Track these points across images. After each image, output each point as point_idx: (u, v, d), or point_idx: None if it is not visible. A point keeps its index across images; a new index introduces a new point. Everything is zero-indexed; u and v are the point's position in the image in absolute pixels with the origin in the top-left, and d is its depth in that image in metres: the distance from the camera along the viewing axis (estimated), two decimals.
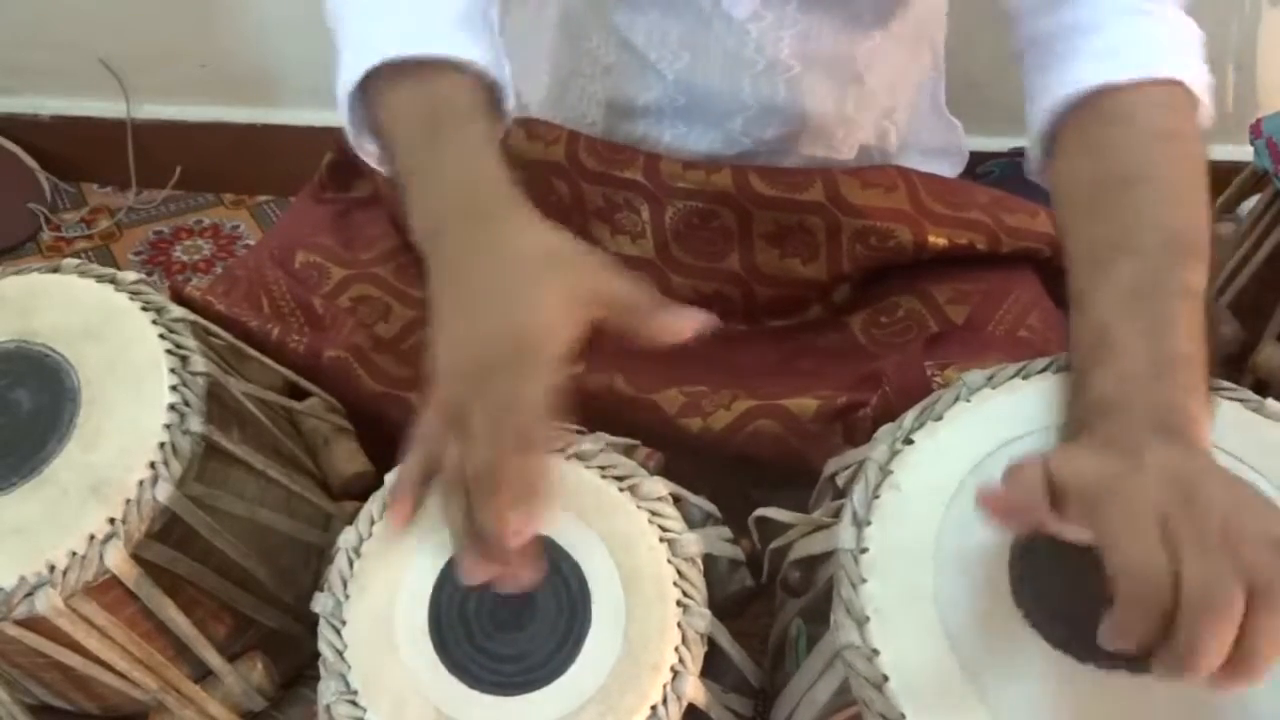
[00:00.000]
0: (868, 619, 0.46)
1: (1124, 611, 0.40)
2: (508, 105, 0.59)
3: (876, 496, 0.50)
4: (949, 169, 0.86)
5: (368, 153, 0.60)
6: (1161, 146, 0.55)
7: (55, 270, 0.64)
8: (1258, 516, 0.41)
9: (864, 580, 0.48)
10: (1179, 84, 0.56)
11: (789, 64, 0.72)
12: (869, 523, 0.49)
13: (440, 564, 0.53)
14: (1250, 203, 1.05)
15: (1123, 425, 0.46)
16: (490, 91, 0.57)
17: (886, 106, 0.78)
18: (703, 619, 0.52)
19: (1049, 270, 0.77)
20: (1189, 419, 0.47)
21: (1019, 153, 1.39)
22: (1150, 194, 0.53)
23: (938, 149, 0.85)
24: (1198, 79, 0.57)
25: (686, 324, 0.50)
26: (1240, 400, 0.53)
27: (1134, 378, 0.48)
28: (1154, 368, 0.48)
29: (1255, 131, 0.97)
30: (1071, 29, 0.58)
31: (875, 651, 0.46)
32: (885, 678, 0.45)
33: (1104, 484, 0.42)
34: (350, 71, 0.56)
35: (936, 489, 0.50)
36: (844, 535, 0.49)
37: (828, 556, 0.52)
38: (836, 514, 0.52)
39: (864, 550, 0.49)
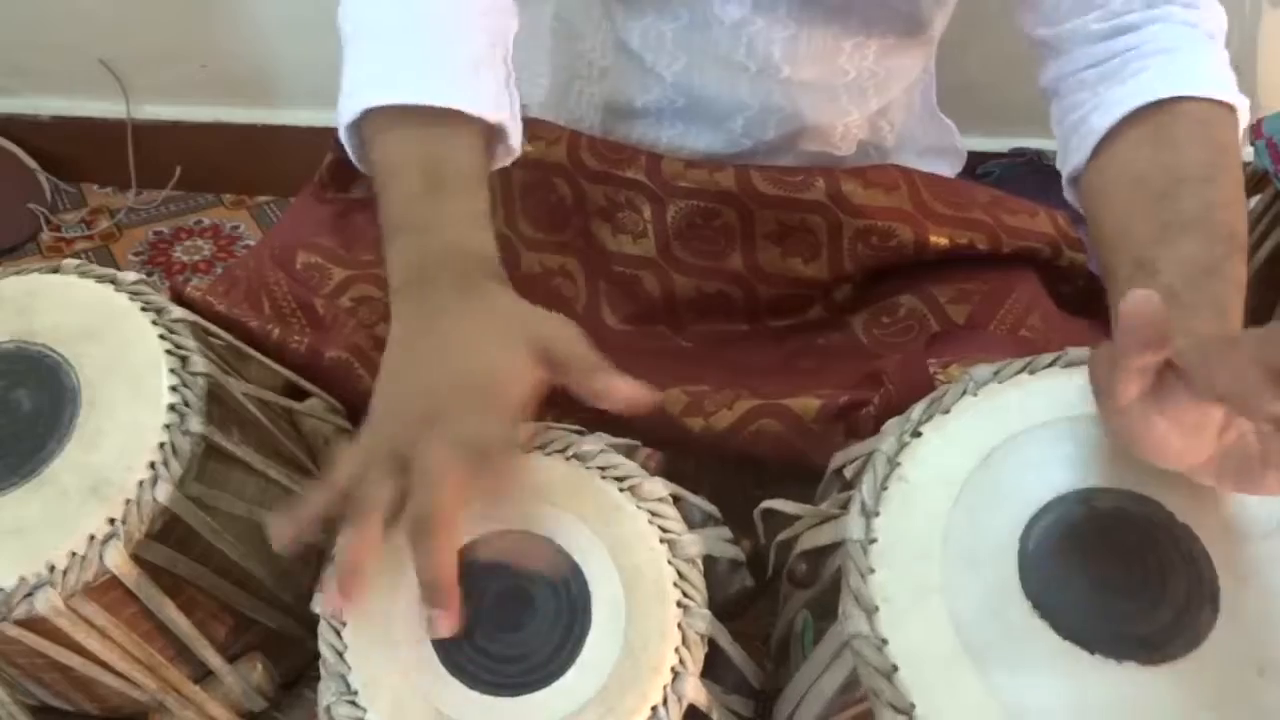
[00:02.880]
0: (877, 608, 0.47)
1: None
2: (514, 142, 0.61)
3: (885, 488, 0.50)
4: (947, 168, 0.86)
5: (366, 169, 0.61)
6: (1223, 156, 0.59)
7: (55, 270, 0.64)
8: None
9: (873, 570, 0.48)
10: (1235, 111, 0.61)
11: (780, 67, 0.73)
12: (877, 514, 0.50)
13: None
14: (1250, 203, 1.05)
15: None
16: (495, 132, 0.59)
17: (881, 106, 0.79)
18: (703, 620, 0.52)
19: (1049, 270, 0.77)
20: None
21: (1019, 153, 1.40)
22: (1216, 194, 0.57)
23: (934, 148, 0.86)
24: (1245, 111, 0.62)
25: (624, 392, 0.51)
26: None
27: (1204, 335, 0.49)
28: (1219, 336, 0.50)
29: (1255, 132, 0.98)
30: (1145, 51, 0.62)
31: (884, 641, 0.46)
32: (895, 667, 0.45)
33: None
34: (352, 102, 0.57)
35: (945, 480, 0.50)
36: (852, 526, 0.49)
37: (835, 548, 0.52)
38: (844, 506, 0.52)
39: (873, 541, 0.49)
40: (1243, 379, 0.40)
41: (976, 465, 0.51)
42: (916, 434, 0.52)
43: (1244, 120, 0.62)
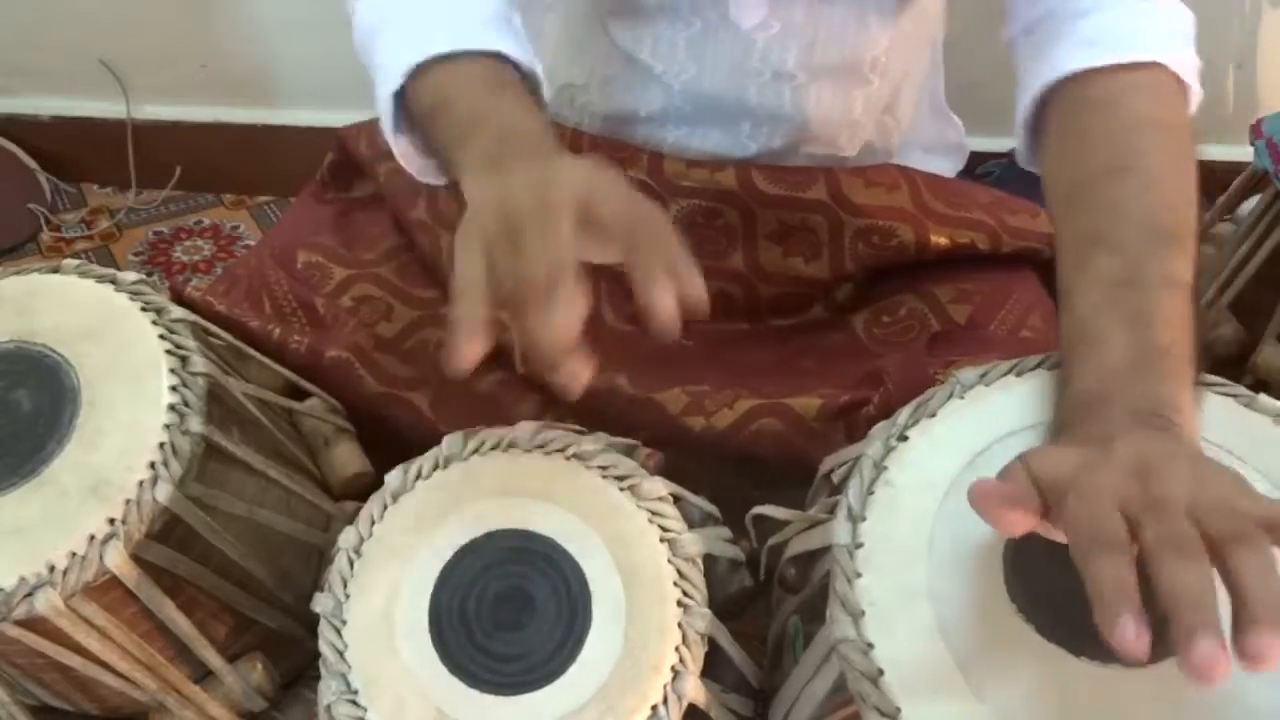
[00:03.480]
0: (863, 613, 0.47)
1: (1098, 596, 0.38)
2: (543, 97, 0.60)
3: (871, 492, 0.50)
4: (950, 166, 0.86)
5: (400, 149, 0.60)
6: (1144, 134, 0.54)
7: (55, 270, 0.64)
8: (1220, 487, 0.40)
9: (859, 575, 0.48)
10: (1163, 68, 0.55)
11: (794, 73, 0.72)
12: (864, 518, 0.50)
13: (440, 564, 0.53)
14: (1250, 203, 1.05)
15: (1102, 420, 0.46)
16: (528, 82, 0.58)
17: (889, 104, 0.78)
18: (703, 619, 0.52)
19: (1050, 271, 0.77)
20: (1173, 409, 0.46)
21: None
22: (1131, 184, 0.52)
23: (939, 145, 0.85)
24: (1184, 63, 0.56)
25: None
26: (1232, 395, 0.53)
27: (1114, 372, 0.48)
28: (1134, 361, 0.48)
29: (1255, 132, 0.98)
30: (1060, 15, 0.58)
31: (870, 645, 0.46)
32: (880, 671, 0.45)
33: (1069, 475, 0.42)
34: (393, 70, 0.56)
35: (931, 484, 0.50)
36: (839, 531, 0.49)
37: (824, 552, 0.52)
38: (832, 510, 0.52)
39: (859, 545, 0.49)
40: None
41: (963, 469, 0.51)
42: (903, 438, 0.52)
43: (1188, 68, 0.56)
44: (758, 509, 0.58)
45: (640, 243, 0.48)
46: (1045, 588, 0.47)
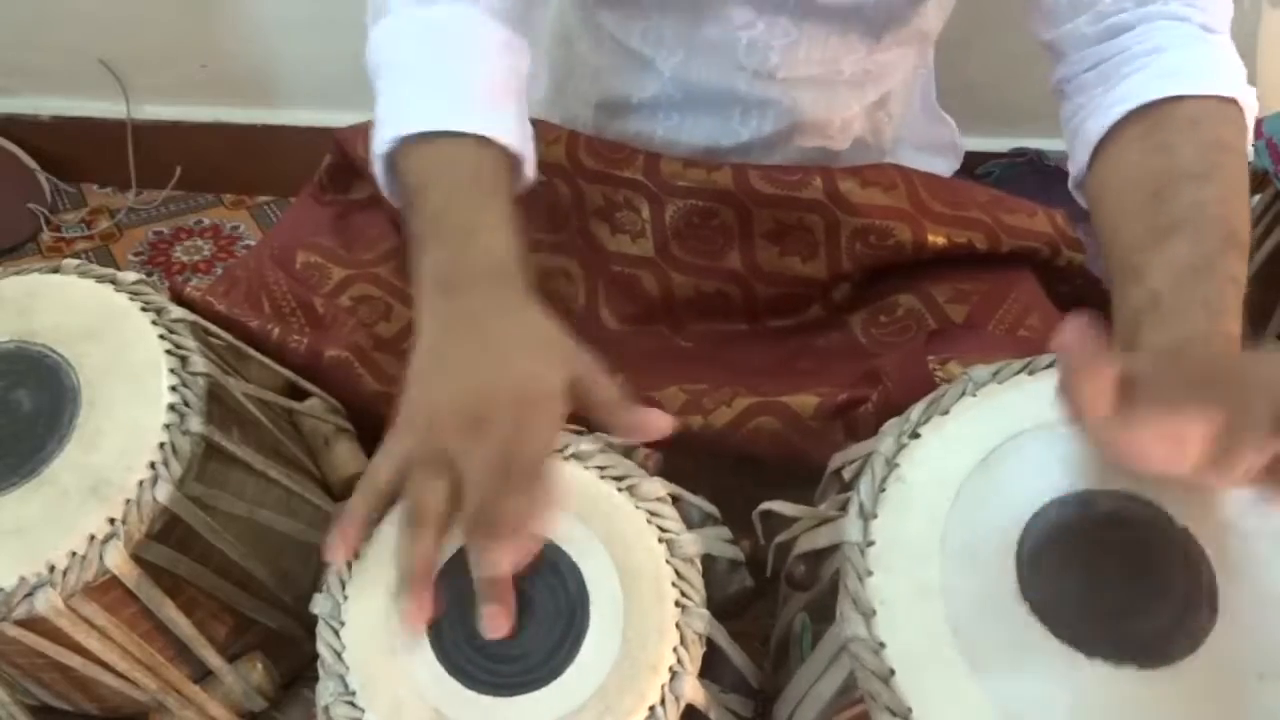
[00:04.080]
0: (874, 612, 0.47)
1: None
2: (529, 172, 0.62)
3: (883, 490, 0.50)
4: (945, 165, 0.86)
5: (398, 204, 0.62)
6: (1222, 153, 0.58)
7: (55, 270, 0.64)
8: None
9: (870, 573, 0.48)
10: (1235, 104, 0.60)
11: (777, 69, 0.73)
12: (875, 516, 0.49)
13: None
14: (1250, 203, 1.05)
15: (1183, 359, 0.48)
16: (515, 161, 0.61)
17: (878, 98, 0.79)
18: (701, 619, 0.52)
19: (1048, 270, 0.77)
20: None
21: (1019, 153, 1.40)
22: (1211, 191, 0.56)
23: (932, 145, 0.86)
24: (1250, 103, 0.61)
25: (655, 424, 0.52)
26: None
27: (1190, 342, 0.50)
28: (1207, 337, 0.50)
29: (1256, 132, 0.97)
30: (1136, 53, 0.62)
31: (882, 644, 0.46)
32: (892, 671, 0.45)
33: (1213, 362, 0.45)
34: (384, 133, 0.59)
35: (943, 482, 0.50)
36: (850, 528, 0.49)
37: (833, 550, 0.52)
38: (842, 507, 0.52)
39: (870, 543, 0.49)
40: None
41: (975, 467, 0.51)
42: (915, 435, 0.52)
43: (1251, 110, 0.61)
44: (765, 505, 0.58)
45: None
46: (1059, 587, 0.47)
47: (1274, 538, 0.47)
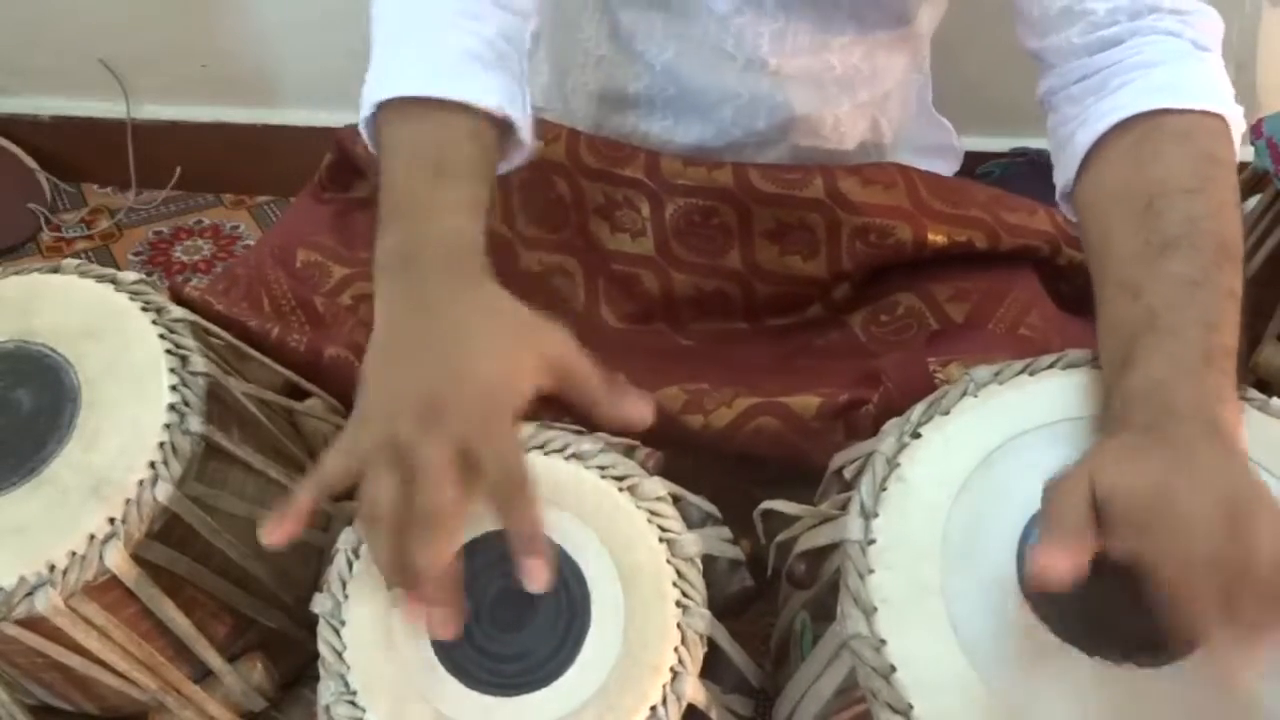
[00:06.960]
0: (875, 609, 0.47)
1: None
2: (525, 137, 0.60)
3: (884, 489, 0.50)
4: (945, 167, 0.86)
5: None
6: (1213, 166, 0.58)
7: (55, 270, 0.64)
8: None
9: (871, 571, 0.48)
10: (1225, 120, 0.60)
11: (767, 60, 0.73)
12: (876, 514, 0.50)
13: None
14: (1250, 203, 1.05)
15: (1169, 413, 0.47)
16: (502, 126, 0.59)
17: (871, 98, 0.79)
18: (702, 619, 0.52)
19: (1048, 269, 0.77)
20: (1234, 409, 0.49)
21: (1019, 153, 1.39)
22: (1204, 205, 0.56)
23: (930, 147, 0.86)
24: (1239, 121, 0.61)
25: (639, 409, 0.51)
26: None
27: (1185, 361, 0.49)
28: (1205, 354, 0.50)
29: (1255, 132, 0.97)
30: (1128, 66, 0.61)
31: (883, 641, 0.46)
32: (893, 668, 0.45)
33: (1147, 496, 0.44)
34: (367, 96, 0.58)
35: (944, 482, 0.50)
36: (851, 527, 0.50)
37: (834, 549, 0.52)
38: (843, 506, 0.52)
39: (871, 542, 0.49)
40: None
41: (976, 466, 0.51)
42: (916, 435, 0.52)
43: (1238, 128, 0.61)
44: (766, 504, 0.58)
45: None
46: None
47: None
